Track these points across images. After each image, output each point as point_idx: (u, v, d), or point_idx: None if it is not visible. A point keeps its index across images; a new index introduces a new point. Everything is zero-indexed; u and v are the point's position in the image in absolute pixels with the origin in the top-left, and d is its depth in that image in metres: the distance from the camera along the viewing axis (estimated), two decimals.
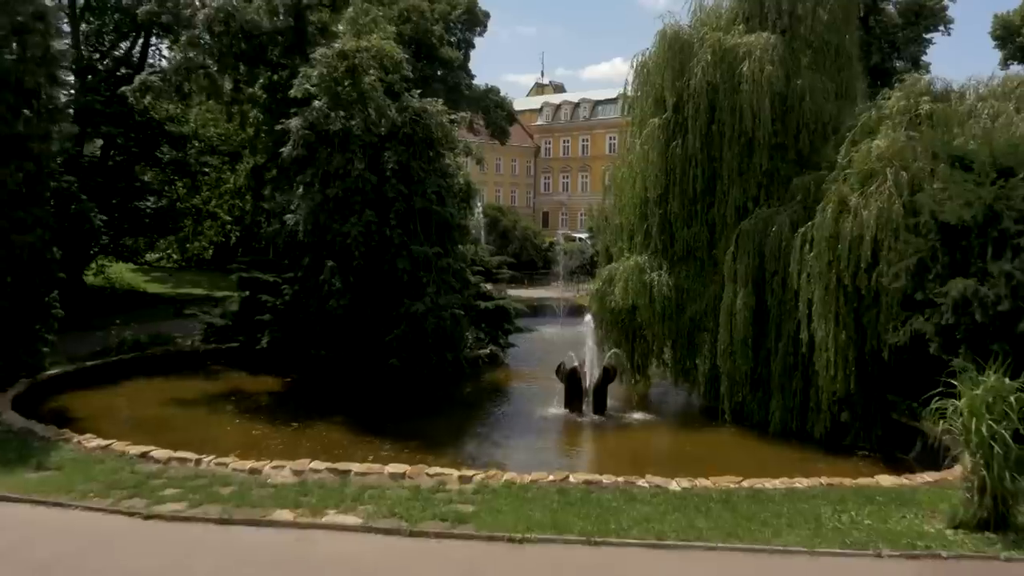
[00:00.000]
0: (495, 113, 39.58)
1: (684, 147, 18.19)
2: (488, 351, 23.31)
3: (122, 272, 38.56)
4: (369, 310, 18.35)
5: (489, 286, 26.70)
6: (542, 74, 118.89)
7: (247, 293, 22.90)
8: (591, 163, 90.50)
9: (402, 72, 20.37)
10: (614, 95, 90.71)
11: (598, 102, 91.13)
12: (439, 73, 36.26)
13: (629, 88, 20.61)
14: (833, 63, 18.66)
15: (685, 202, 18.44)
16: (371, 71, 18.92)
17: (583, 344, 19.54)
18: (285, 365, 21.22)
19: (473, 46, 40.14)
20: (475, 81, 42.97)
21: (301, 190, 18.64)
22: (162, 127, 32.67)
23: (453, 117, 20.39)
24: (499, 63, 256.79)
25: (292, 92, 19.03)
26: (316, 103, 18.59)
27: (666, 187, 18.55)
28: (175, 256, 46.54)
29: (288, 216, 18.73)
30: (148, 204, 34.27)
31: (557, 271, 44.42)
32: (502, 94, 42.34)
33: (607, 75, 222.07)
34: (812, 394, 15.88)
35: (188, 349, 23.62)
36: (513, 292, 39.88)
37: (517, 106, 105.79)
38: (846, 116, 17.92)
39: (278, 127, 19.66)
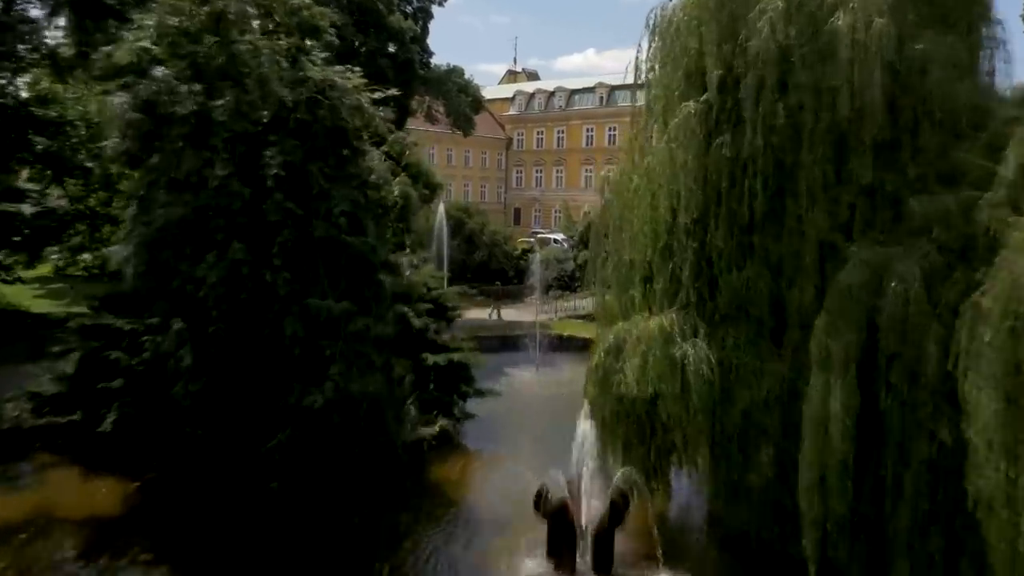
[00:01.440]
0: (458, 99, 32.86)
1: (735, 146, 11.56)
2: (437, 428, 16.59)
3: None
4: (237, 401, 11.56)
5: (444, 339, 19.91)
6: (515, 61, 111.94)
7: (94, 345, 16.00)
8: (567, 156, 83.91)
9: (322, 37, 13.65)
10: (592, 84, 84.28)
11: (574, 91, 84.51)
12: (389, 49, 29.45)
13: (643, 57, 13.93)
14: (963, 15, 12.13)
15: (735, 231, 11.83)
16: (252, 22, 12.09)
17: (568, 403, 13.21)
18: (141, 458, 14.37)
19: (431, 16, 33.27)
20: (435, 61, 36.22)
21: (133, 207, 11.76)
22: (28, 110, 25.39)
23: (381, 94, 13.47)
24: (472, 52, 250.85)
25: (117, 56, 12.00)
26: (158, 71, 11.72)
27: (705, 208, 11.95)
28: (85, 263, 39.03)
29: (113, 249, 11.88)
30: (23, 208, 26.99)
31: (532, 283, 37.73)
32: (467, 77, 35.49)
33: (579, 66, 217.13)
34: (967, 568, 9.47)
35: (9, 424, 16.63)
36: (477, 315, 33.26)
37: (488, 94, 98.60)
38: (989, 99, 11.53)
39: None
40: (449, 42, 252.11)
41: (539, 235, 73.27)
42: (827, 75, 10.94)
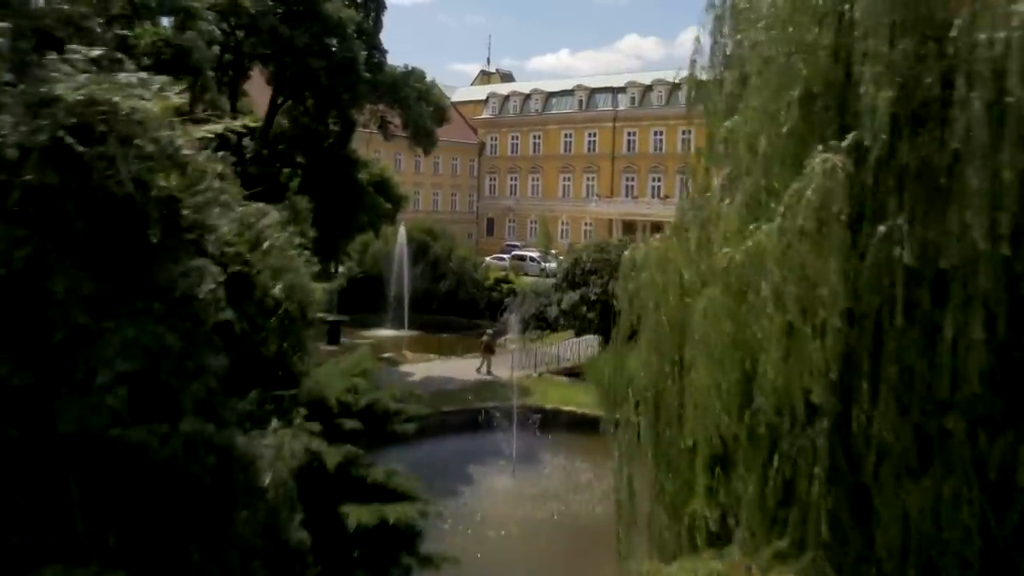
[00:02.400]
0: (417, 108, 26.74)
1: (932, 247, 5.72)
2: None
3: None
4: None
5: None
6: (488, 61, 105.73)
7: None
8: (543, 163, 78.02)
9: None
10: (570, 86, 78.33)
11: (552, 94, 78.68)
12: (328, 44, 23.26)
13: (703, 59, 7.93)
14: None
15: (914, 408, 5.97)
16: None
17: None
18: None
19: (384, 6, 27.14)
20: (398, 61, 30.16)
21: None
22: None
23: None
24: (446, 52, 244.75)
25: None
26: None
27: (852, 361, 6.06)
28: None
29: None
30: None
31: (507, 320, 31.67)
32: (429, 80, 29.30)
33: (553, 66, 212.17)
34: None
35: None
36: (439, 371, 27.18)
37: (459, 96, 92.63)
38: None
39: None
40: (423, 42, 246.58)
41: (514, 252, 67.37)
42: None
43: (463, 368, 27.26)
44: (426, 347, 32.55)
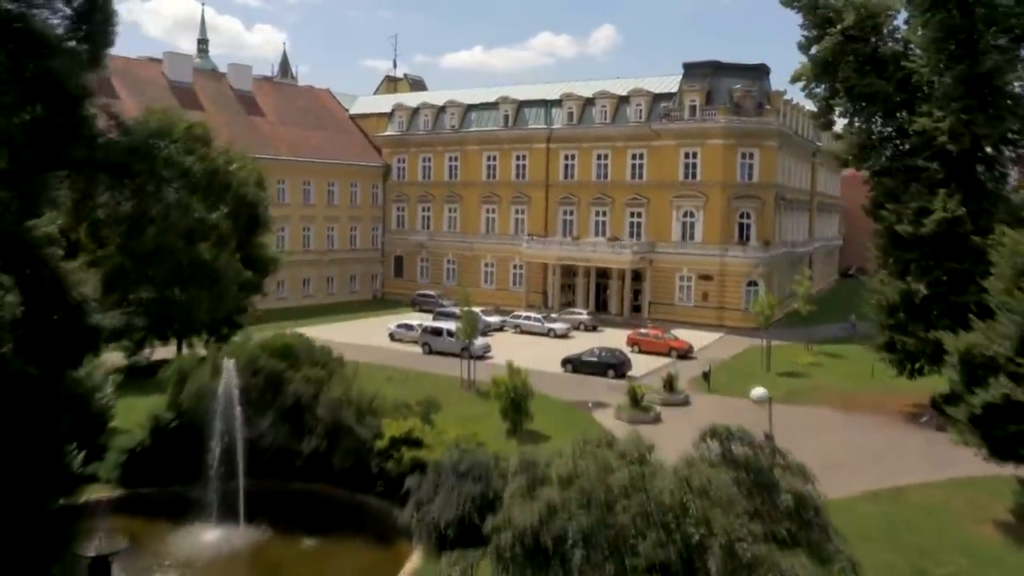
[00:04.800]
0: None
1: None
2: None
3: None
4: None
5: None
6: (394, 64, 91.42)
7: None
8: (462, 191, 64.42)
9: None
10: (493, 98, 64.43)
11: (471, 107, 65.11)
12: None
13: None
14: None
15: None
16: None
17: None
18: None
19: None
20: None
21: None
22: None
23: None
24: (355, 49, 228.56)
25: None
26: None
27: None
28: None
29: None
30: None
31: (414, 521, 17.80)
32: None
33: (467, 63, 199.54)
34: None
35: None
36: None
37: (360, 108, 77.26)
38: None
39: None
40: (333, 39, 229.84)
41: (438, 310, 53.37)
42: None
43: None
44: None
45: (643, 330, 44.73)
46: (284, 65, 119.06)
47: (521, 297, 57.99)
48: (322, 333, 48.94)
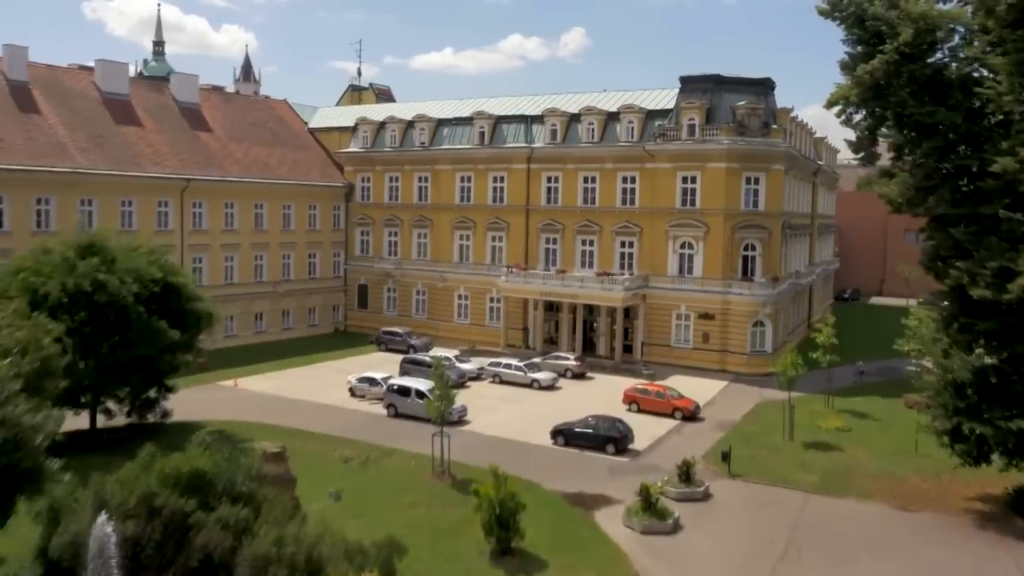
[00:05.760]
0: None
1: None
2: None
3: None
4: None
5: None
6: (359, 72, 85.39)
7: None
8: (432, 215, 58.34)
9: None
10: (468, 113, 58.38)
11: (443, 121, 59.02)
12: None
13: None
14: None
15: None
16: None
17: None
18: None
19: None
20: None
21: None
22: None
23: None
24: (323, 50, 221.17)
25: None
26: None
27: None
28: None
29: None
30: None
31: None
32: None
33: (438, 65, 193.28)
34: None
35: None
36: None
37: (320, 121, 69.72)
38: None
39: None
40: (302, 39, 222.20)
41: (407, 358, 46.90)
42: None
43: None
44: None
45: (641, 385, 38.93)
46: (247, 67, 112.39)
47: (499, 334, 52.03)
48: (273, 385, 42.53)
